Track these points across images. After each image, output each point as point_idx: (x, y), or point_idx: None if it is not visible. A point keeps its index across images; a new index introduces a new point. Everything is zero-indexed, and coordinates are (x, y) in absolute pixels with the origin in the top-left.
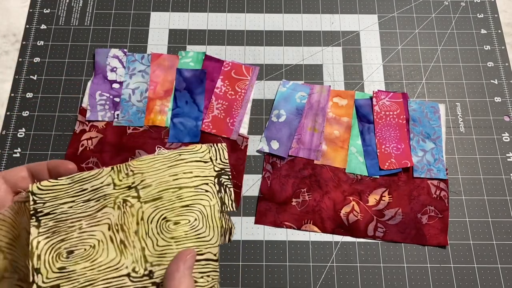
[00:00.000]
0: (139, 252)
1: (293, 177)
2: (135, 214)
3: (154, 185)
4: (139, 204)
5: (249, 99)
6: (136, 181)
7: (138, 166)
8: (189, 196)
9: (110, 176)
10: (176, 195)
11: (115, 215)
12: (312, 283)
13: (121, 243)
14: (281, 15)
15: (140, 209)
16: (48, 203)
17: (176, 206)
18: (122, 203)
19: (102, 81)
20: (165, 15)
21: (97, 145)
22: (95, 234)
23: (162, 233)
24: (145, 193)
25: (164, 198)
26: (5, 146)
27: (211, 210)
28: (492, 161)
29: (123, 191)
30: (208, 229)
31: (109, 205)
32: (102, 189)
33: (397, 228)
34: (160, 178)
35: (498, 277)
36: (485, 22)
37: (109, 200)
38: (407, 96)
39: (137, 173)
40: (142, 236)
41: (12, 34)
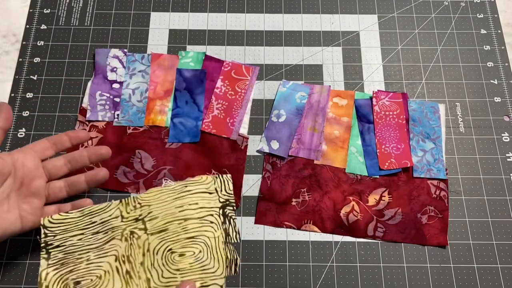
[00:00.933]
0: (145, 283)
1: (293, 177)
2: (142, 246)
3: (161, 217)
4: (146, 236)
5: (249, 99)
6: (143, 213)
7: (145, 199)
8: (194, 227)
9: (119, 209)
10: (181, 227)
11: (122, 247)
12: (312, 283)
13: (127, 273)
14: (281, 15)
15: (146, 241)
16: (59, 235)
17: (181, 238)
18: (130, 235)
19: (102, 81)
20: (165, 15)
21: (97, 145)
22: (102, 265)
23: (167, 265)
24: (152, 225)
25: (170, 230)
26: (5, 146)
27: (216, 242)
28: (492, 161)
29: (131, 223)
30: (213, 261)
31: (117, 237)
32: (110, 222)
33: (397, 228)
34: (166, 210)
35: (498, 277)
36: (485, 22)
37: (117, 232)
38: (407, 96)
39: (144, 205)
40: (148, 267)
41: (12, 34)
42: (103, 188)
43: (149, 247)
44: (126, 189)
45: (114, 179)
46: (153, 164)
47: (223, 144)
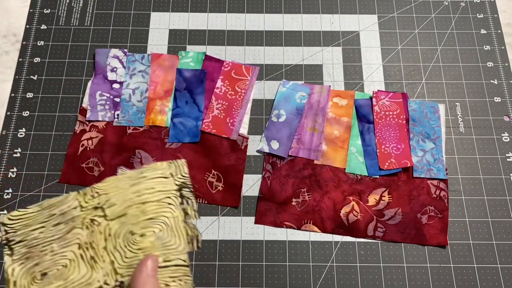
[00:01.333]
0: (109, 265)
1: (293, 177)
2: (103, 232)
3: (119, 203)
4: (106, 222)
5: (249, 99)
6: (101, 202)
7: (102, 188)
8: (153, 209)
9: (77, 200)
10: (140, 210)
11: (84, 235)
12: (312, 283)
13: (91, 259)
14: (281, 15)
15: (107, 226)
16: (20, 231)
17: (141, 220)
18: (90, 222)
19: (102, 81)
20: (165, 15)
21: (97, 145)
22: (66, 255)
23: (129, 246)
24: (111, 211)
25: (129, 214)
26: (5, 146)
27: (175, 221)
28: (492, 161)
29: (90, 211)
30: (174, 238)
31: (78, 226)
32: (69, 212)
33: (397, 228)
34: (124, 196)
35: (498, 277)
36: (485, 22)
37: (78, 222)
38: (407, 96)
39: (102, 194)
40: (111, 250)
41: (12, 34)
42: None
43: (110, 232)
44: None
45: None
46: None
47: (223, 144)
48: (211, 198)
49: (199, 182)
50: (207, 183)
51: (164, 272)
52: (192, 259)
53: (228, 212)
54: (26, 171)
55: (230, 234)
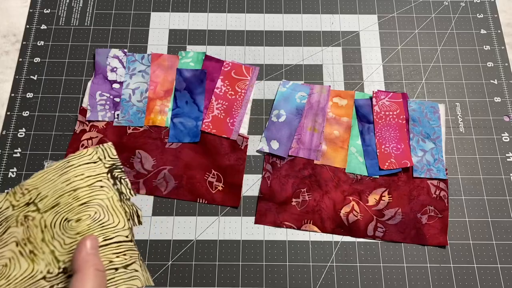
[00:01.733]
0: (50, 255)
1: (293, 177)
2: (38, 225)
3: (50, 194)
4: (40, 215)
5: (249, 99)
6: (33, 197)
7: (31, 184)
8: (85, 194)
9: (7, 200)
10: (72, 197)
11: (20, 232)
12: (312, 283)
13: (31, 253)
14: (281, 15)
15: (42, 219)
16: None
17: (75, 206)
18: (24, 219)
19: (102, 81)
20: (165, 15)
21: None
22: (4, 254)
23: (66, 232)
24: (43, 204)
25: (62, 203)
26: (5, 146)
27: (110, 201)
28: (492, 161)
29: (22, 209)
30: (112, 217)
31: (12, 225)
32: (2, 214)
33: (397, 228)
34: (54, 187)
35: (498, 277)
36: (485, 22)
37: (11, 221)
38: (406, 96)
39: (32, 189)
40: (49, 240)
41: (12, 34)
42: None
43: (46, 223)
44: None
45: None
46: (153, 164)
47: (223, 144)
48: (211, 198)
49: (199, 182)
50: (207, 183)
51: (106, 250)
52: (192, 259)
53: (228, 212)
54: (26, 171)
55: (230, 234)
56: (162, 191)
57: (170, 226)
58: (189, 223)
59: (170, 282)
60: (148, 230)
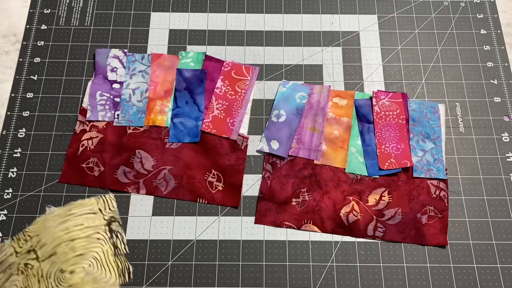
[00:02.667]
0: None
1: (293, 177)
2: (36, 274)
3: (49, 242)
4: (38, 264)
5: (249, 99)
6: (33, 244)
7: (33, 230)
8: (82, 245)
9: (12, 247)
10: (69, 247)
11: (20, 280)
12: (312, 283)
13: None
14: (281, 15)
15: (39, 268)
16: None
17: (70, 257)
18: (24, 267)
19: (103, 81)
20: (165, 15)
21: (97, 145)
22: None
23: (60, 284)
24: (42, 252)
25: (59, 252)
26: (5, 146)
27: (105, 255)
28: (491, 161)
29: (24, 255)
30: (105, 271)
31: (14, 273)
32: (6, 260)
33: (397, 228)
34: (53, 235)
35: (498, 277)
36: (485, 22)
37: (14, 268)
38: (406, 96)
39: (33, 236)
40: None
41: (12, 34)
42: (104, 188)
43: (42, 273)
44: (126, 189)
45: (115, 179)
46: (153, 164)
47: (223, 144)
48: (211, 198)
49: (199, 182)
50: (207, 183)
51: None
52: (192, 259)
53: (228, 212)
54: (26, 171)
55: (230, 234)
56: (162, 191)
57: (170, 226)
58: (189, 223)
59: (170, 282)
60: (148, 230)
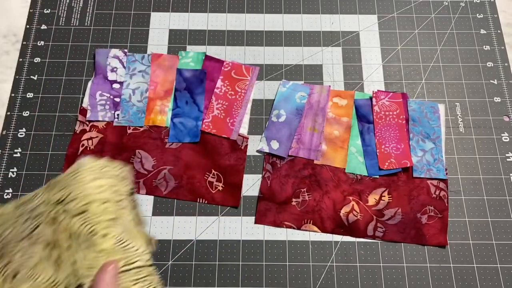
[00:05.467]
0: (71, 266)
1: (293, 177)
2: (66, 229)
3: (80, 197)
4: (68, 219)
5: (249, 99)
6: (64, 195)
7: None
8: (114, 210)
9: (44, 194)
10: (102, 209)
11: (49, 233)
12: (312, 283)
13: (57, 259)
14: (281, 15)
15: (69, 224)
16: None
17: (103, 219)
18: (53, 220)
19: (103, 81)
20: (165, 15)
21: (97, 145)
22: (34, 254)
23: (91, 246)
24: (72, 206)
25: (91, 211)
26: (6, 146)
27: (131, 224)
28: (491, 161)
29: (53, 206)
30: (134, 240)
31: (43, 223)
32: (36, 209)
33: (397, 228)
34: (85, 190)
35: (498, 277)
36: (485, 22)
37: (42, 218)
38: (406, 96)
39: (63, 188)
40: (73, 251)
41: (12, 34)
42: None
43: (72, 230)
44: None
45: None
46: (153, 164)
47: (223, 144)
48: (211, 198)
49: (199, 182)
50: (207, 183)
51: (125, 276)
52: (192, 259)
53: (228, 212)
54: (26, 171)
55: (230, 234)
56: (162, 191)
57: (170, 226)
58: (189, 223)
59: (170, 282)
60: (148, 230)
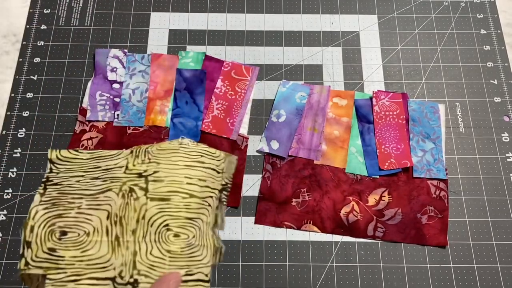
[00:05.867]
0: (131, 255)
1: (293, 177)
2: (138, 210)
3: (166, 181)
4: (145, 199)
5: (249, 99)
6: (149, 170)
7: (156, 155)
8: (196, 208)
9: (127, 159)
10: (184, 203)
11: (118, 204)
12: (312, 283)
13: (116, 239)
14: (281, 15)
15: (144, 206)
16: (62, 173)
17: (182, 216)
18: (128, 191)
19: (102, 81)
20: (165, 15)
21: (97, 145)
22: (92, 220)
23: (159, 242)
24: (154, 187)
25: (172, 202)
26: (5, 146)
27: (206, 227)
28: (491, 161)
29: (133, 177)
30: (202, 248)
31: (114, 190)
32: (113, 170)
33: (397, 228)
34: (174, 175)
35: (498, 277)
36: (485, 22)
37: (116, 184)
38: (406, 96)
39: (153, 161)
40: (139, 238)
41: (12, 34)
42: None
43: (145, 215)
44: None
45: None
46: None
47: (223, 144)
48: None
49: None
50: None
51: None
52: None
53: (228, 212)
54: (26, 171)
55: (230, 234)
56: None
57: None
58: None
59: None
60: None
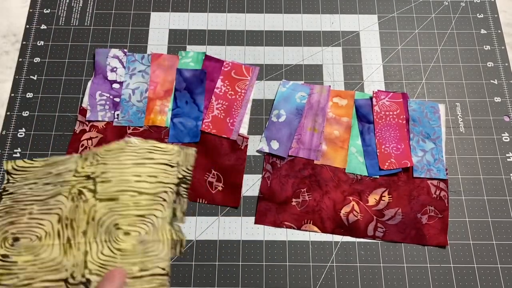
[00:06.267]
0: (82, 256)
1: (293, 177)
2: (87, 212)
3: (114, 181)
4: (94, 201)
5: (249, 99)
6: (97, 172)
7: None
8: (146, 204)
9: (76, 162)
10: (133, 201)
11: (68, 207)
12: (312, 283)
13: (68, 241)
14: (281, 15)
15: (93, 207)
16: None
17: (131, 214)
18: (77, 194)
19: (102, 81)
20: (165, 15)
21: (97, 145)
22: (43, 224)
23: (109, 241)
24: (103, 188)
25: (121, 201)
26: (5, 146)
27: (162, 222)
28: (492, 161)
29: (82, 180)
30: (157, 243)
31: (64, 193)
32: (63, 175)
33: (397, 228)
34: (122, 175)
35: (498, 277)
36: (485, 22)
37: (65, 188)
38: (407, 96)
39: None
40: (90, 238)
41: (12, 34)
42: None
43: (95, 216)
44: None
45: None
46: None
47: (223, 144)
48: (211, 198)
49: (199, 182)
50: (207, 183)
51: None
52: (192, 259)
53: (228, 212)
54: None
55: (230, 234)
56: None
57: None
58: (189, 223)
59: (170, 282)
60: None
